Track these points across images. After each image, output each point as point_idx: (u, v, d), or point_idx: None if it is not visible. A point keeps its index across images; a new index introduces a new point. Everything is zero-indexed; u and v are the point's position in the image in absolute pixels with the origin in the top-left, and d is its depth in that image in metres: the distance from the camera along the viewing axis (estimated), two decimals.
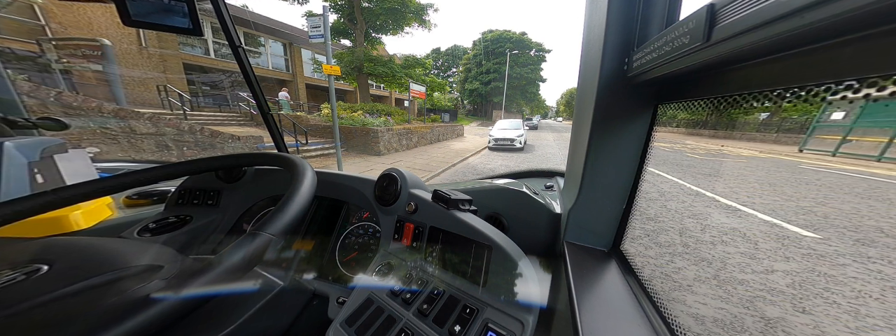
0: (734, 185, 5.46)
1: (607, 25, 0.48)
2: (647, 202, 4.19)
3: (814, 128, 9.53)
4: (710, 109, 0.38)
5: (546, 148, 13.33)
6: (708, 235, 3.11)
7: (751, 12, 0.23)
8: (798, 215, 3.76)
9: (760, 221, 3.55)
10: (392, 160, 8.66)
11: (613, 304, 0.44)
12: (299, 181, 0.53)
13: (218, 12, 0.96)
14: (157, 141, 5.49)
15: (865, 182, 6.39)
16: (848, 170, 7.94)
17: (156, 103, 10.38)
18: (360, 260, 0.88)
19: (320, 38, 5.31)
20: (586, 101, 0.57)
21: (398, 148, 10.49)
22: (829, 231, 3.25)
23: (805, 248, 2.83)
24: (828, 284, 2.23)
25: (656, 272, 2.38)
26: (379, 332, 0.56)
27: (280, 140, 1.27)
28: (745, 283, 2.24)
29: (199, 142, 6.05)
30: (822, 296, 2.09)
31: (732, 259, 2.62)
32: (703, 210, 3.97)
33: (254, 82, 1.11)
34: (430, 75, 21.20)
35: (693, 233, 3.18)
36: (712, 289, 2.16)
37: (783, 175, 6.67)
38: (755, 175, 6.81)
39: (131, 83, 10.83)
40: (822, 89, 0.23)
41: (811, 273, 2.39)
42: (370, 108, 12.70)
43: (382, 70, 14.41)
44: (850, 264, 2.54)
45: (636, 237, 3.01)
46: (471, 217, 0.63)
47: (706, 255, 2.67)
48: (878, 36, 0.18)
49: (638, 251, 2.77)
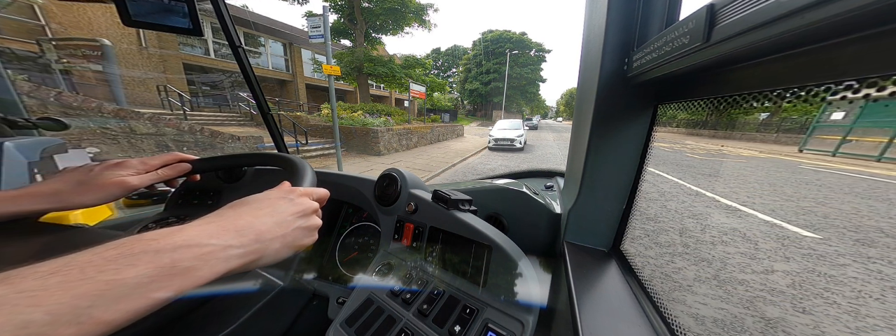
0: (734, 185, 5.45)
1: (607, 25, 0.48)
2: (647, 202, 4.19)
3: (814, 128, 9.50)
4: (710, 109, 0.38)
5: (546, 148, 13.32)
6: (708, 235, 3.10)
7: (751, 12, 0.23)
8: (798, 215, 3.76)
9: (760, 221, 3.54)
10: (392, 160, 8.66)
11: (613, 304, 0.44)
12: (299, 181, 0.53)
13: (218, 12, 0.96)
14: (157, 141, 5.47)
15: (865, 182, 6.40)
16: (848, 170, 7.94)
17: (156, 103, 10.37)
18: (360, 260, 0.88)
19: (320, 38, 5.30)
20: (586, 101, 0.57)
21: (398, 148, 10.49)
22: (829, 231, 3.25)
23: (805, 249, 2.83)
24: (828, 284, 2.22)
25: (656, 272, 2.38)
26: (379, 333, 0.56)
27: (280, 140, 1.27)
28: (746, 283, 2.24)
29: (199, 142, 6.05)
30: (822, 296, 2.09)
31: (733, 259, 2.61)
32: (704, 210, 3.96)
33: (254, 82, 1.11)
34: (429, 75, 21.16)
35: (693, 233, 3.17)
36: (712, 289, 2.16)
37: (783, 175, 6.67)
38: (755, 175, 6.81)
39: (131, 83, 10.83)
40: (822, 89, 0.23)
41: (811, 273, 2.38)
42: (370, 109, 12.70)
43: (382, 70, 14.42)
44: (850, 264, 2.53)
45: (636, 237, 3.00)
46: (471, 217, 0.63)
47: (706, 256, 2.66)
48: (878, 36, 0.18)
49: (638, 251, 2.78)
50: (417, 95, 15.48)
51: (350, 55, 14.61)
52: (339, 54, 14.81)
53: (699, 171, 7.00)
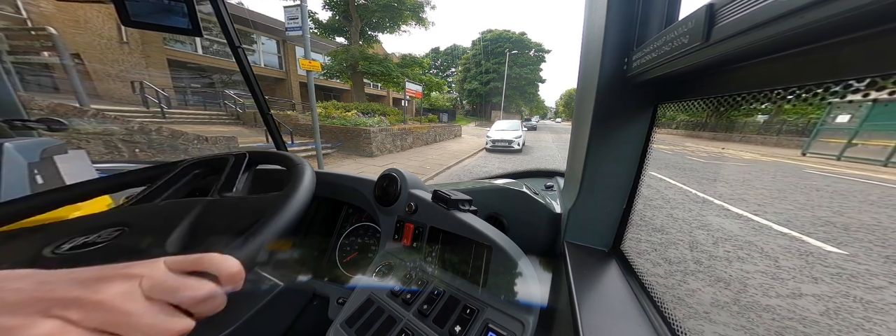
0: (742, 191, 5.16)
1: (607, 25, 0.48)
2: (653, 210, 3.95)
3: (818, 131, 9.39)
4: (710, 110, 0.39)
5: (545, 149, 12.95)
6: (721, 250, 2.78)
7: (750, 12, 0.23)
8: (816, 227, 3.38)
9: (777, 233, 3.18)
10: (384, 162, 8.32)
11: (614, 304, 0.44)
12: (298, 180, 0.52)
13: (217, 12, 0.96)
14: (105, 141, 4.80)
15: (877, 188, 5.98)
16: (856, 175, 7.74)
17: (136, 101, 9.68)
18: (359, 260, 0.88)
19: (298, 30, 4.95)
20: (586, 101, 0.57)
21: (392, 149, 10.16)
22: (854, 246, 2.90)
23: (832, 267, 2.45)
24: (867, 313, 1.88)
25: (668, 294, 2.09)
26: (379, 333, 0.56)
27: (279, 139, 1.27)
28: (771, 309, 1.94)
29: (153, 143, 5.22)
30: (862, 327, 1.76)
31: (753, 280, 2.29)
32: (714, 220, 3.62)
33: (253, 82, 1.11)
34: (427, 74, 20.81)
35: (705, 247, 2.84)
36: (733, 316, 1.89)
37: (791, 181, 6.38)
38: (761, 180, 6.51)
39: (107, 79, 10.39)
40: (822, 89, 0.23)
41: (845, 298, 2.03)
42: (365, 108, 12.41)
43: (377, 68, 14.02)
44: (886, 287, 2.18)
45: (643, 251, 2.83)
46: (471, 217, 0.63)
47: (722, 275, 2.34)
48: (878, 36, 0.18)
49: (647, 269, 2.48)
50: (414, 95, 15.10)
51: (344, 53, 14.22)
52: (333, 52, 14.50)
53: (703, 175, 6.67)
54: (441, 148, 11.89)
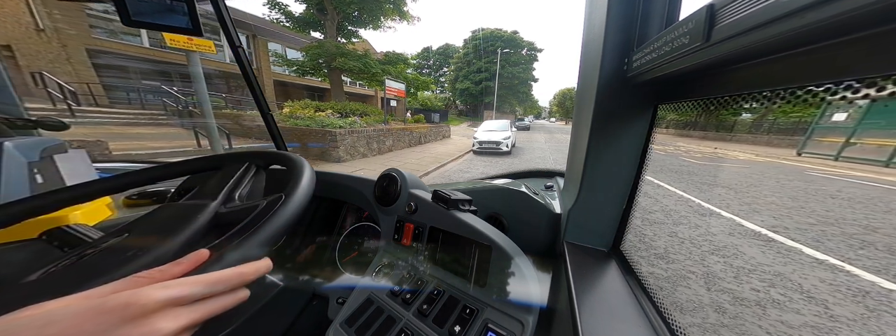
0: (750, 199, 4.51)
1: (607, 25, 0.48)
2: (652, 227, 3.33)
3: (813, 130, 9.23)
4: (711, 110, 0.39)
5: (536, 151, 12.02)
6: (747, 288, 2.04)
7: (750, 12, 0.23)
8: (855, 250, 2.66)
9: (812, 261, 2.47)
10: (351, 168, 7.12)
11: (613, 304, 0.44)
12: (298, 179, 0.52)
13: (217, 12, 0.96)
14: None
15: (894, 194, 5.26)
16: (864, 177, 6.73)
17: (44, 96, 8.43)
18: (359, 260, 0.88)
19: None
20: (586, 101, 0.57)
21: (366, 152, 8.97)
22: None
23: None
24: None
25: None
26: (379, 333, 0.56)
27: (279, 139, 1.28)
28: None
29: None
30: None
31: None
32: (727, 241, 2.90)
33: (253, 83, 1.11)
34: (414, 73, 19.47)
35: (725, 283, 2.11)
36: None
37: (797, 185, 5.61)
38: (766, 185, 5.72)
39: (16, 70, 9.01)
40: (822, 89, 0.23)
41: None
42: (342, 108, 11.19)
43: (354, 65, 12.70)
44: None
45: (652, 290, 2.21)
46: (471, 217, 0.63)
47: (757, 332, 1.67)
48: (878, 36, 0.18)
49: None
50: (396, 93, 13.70)
51: (318, 48, 12.79)
52: (306, 48, 13.18)
53: (701, 179, 5.93)
54: (424, 150, 11.05)
